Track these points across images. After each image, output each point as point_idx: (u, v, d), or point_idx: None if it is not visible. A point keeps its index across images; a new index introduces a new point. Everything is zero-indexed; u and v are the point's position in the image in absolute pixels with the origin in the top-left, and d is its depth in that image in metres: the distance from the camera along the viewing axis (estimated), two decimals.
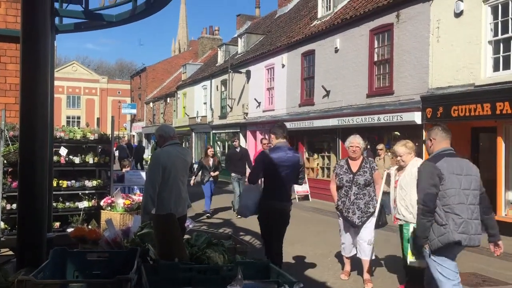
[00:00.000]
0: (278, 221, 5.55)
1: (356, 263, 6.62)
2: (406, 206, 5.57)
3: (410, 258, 5.32)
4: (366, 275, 6.28)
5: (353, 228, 6.28)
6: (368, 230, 6.21)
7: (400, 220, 5.65)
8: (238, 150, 13.27)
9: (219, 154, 27.36)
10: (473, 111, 10.50)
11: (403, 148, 5.74)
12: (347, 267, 6.67)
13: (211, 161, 12.51)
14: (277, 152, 5.51)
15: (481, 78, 10.55)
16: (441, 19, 11.69)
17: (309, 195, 16.40)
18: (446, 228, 4.20)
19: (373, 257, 6.45)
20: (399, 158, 5.78)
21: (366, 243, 6.21)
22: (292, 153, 5.64)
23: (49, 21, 3.48)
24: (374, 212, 6.17)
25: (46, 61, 3.30)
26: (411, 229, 5.42)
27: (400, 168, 5.81)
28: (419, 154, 8.50)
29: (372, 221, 6.18)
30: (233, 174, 12.65)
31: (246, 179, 6.74)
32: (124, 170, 9.84)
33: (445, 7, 11.55)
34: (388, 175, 6.15)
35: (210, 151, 12.82)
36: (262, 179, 5.70)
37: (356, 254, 6.46)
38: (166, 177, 5.09)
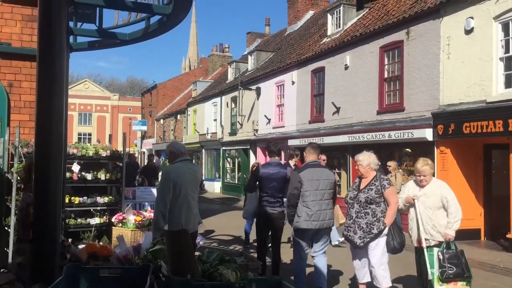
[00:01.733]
0: (270, 224, 6.63)
1: None
2: (433, 225, 5.49)
3: (437, 285, 5.28)
4: None
5: (358, 249, 5.85)
6: (375, 254, 5.70)
7: (428, 240, 5.52)
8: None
9: (229, 171, 27.45)
10: (485, 127, 10.43)
11: (427, 167, 5.57)
12: None
13: None
14: (267, 168, 6.68)
15: (493, 94, 10.50)
16: (451, 36, 11.70)
17: None
18: (300, 218, 5.94)
19: (389, 285, 5.77)
20: (422, 177, 5.60)
21: (375, 268, 5.71)
22: (279, 168, 6.67)
23: (65, 39, 3.54)
24: (379, 234, 5.65)
25: (61, 78, 3.36)
26: (435, 255, 5.37)
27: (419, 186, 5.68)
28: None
29: (381, 243, 5.66)
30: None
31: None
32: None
33: (456, 24, 11.57)
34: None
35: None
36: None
37: (373, 281, 5.88)
38: (177, 193, 5.13)
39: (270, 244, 7.36)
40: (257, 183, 6.73)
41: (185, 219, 5.17)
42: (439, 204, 5.52)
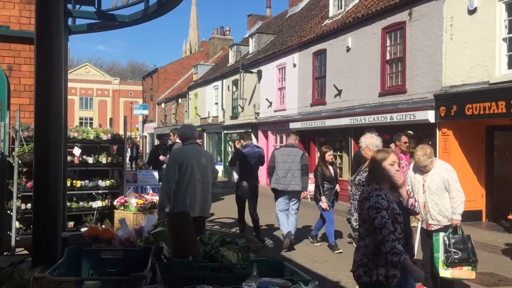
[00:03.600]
0: (248, 194, 8.67)
1: None
2: (439, 210, 5.47)
3: (442, 269, 5.29)
4: None
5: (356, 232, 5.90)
6: None
7: (434, 225, 5.53)
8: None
9: (230, 155, 27.44)
10: (488, 109, 10.37)
11: (425, 158, 5.53)
12: None
13: (332, 170, 8.60)
14: (246, 148, 8.77)
15: (496, 75, 10.42)
16: (454, 16, 11.57)
17: None
18: (272, 181, 8.41)
19: None
20: (422, 168, 5.61)
21: None
22: (256, 148, 9.04)
23: (62, 21, 3.50)
24: None
25: (60, 61, 3.32)
26: (441, 239, 5.35)
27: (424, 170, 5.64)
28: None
29: None
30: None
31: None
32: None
33: (459, 4, 11.43)
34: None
35: (329, 156, 8.59)
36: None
37: None
38: (182, 174, 5.15)
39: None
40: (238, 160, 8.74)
41: (190, 201, 5.18)
42: (443, 186, 5.51)
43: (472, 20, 11.08)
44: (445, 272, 5.33)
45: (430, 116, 12.08)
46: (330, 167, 8.54)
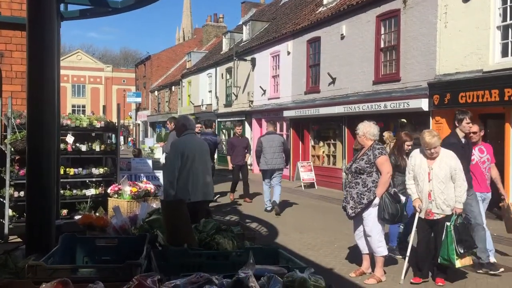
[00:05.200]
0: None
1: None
2: (445, 199, 5.41)
3: (457, 261, 5.29)
4: (375, 270, 5.84)
5: (355, 220, 5.89)
6: (367, 223, 5.72)
7: (437, 214, 5.46)
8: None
9: (224, 143, 27.38)
10: (481, 97, 10.40)
11: (436, 139, 5.38)
12: (363, 263, 6.07)
13: (406, 161, 6.65)
14: (204, 136, 10.32)
15: (489, 64, 10.43)
16: (448, 4, 11.54)
17: (315, 183, 16.38)
18: (261, 163, 10.46)
19: (384, 253, 5.82)
20: (433, 150, 5.43)
21: (369, 237, 5.74)
22: (214, 137, 11.35)
23: (54, 7, 3.45)
24: (369, 204, 5.63)
25: (52, 47, 3.28)
26: (453, 230, 5.30)
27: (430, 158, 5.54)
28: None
29: (372, 213, 5.66)
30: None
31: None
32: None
33: None
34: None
35: (408, 145, 7.14)
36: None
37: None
38: (184, 163, 5.45)
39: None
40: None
41: (192, 187, 5.48)
42: (450, 175, 5.46)
43: (466, 8, 11.06)
44: (458, 263, 5.35)
45: (423, 104, 12.10)
46: (406, 158, 6.80)
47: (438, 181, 5.44)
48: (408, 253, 5.83)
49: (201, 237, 2.98)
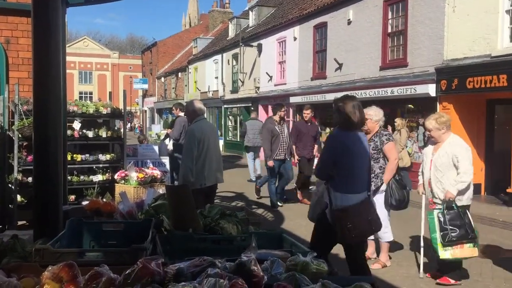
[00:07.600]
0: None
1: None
2: (442, 189, 5.07)
3: (441, 251, 4.90)
4: (380, 255, 5.90)
5: None
6: None
7: (437, 204, 5.14)
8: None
9: (231, 129, 27.45)
10: (489, 82, 10.31)
11: (433, 122, 5.17)
12: (368, 249, 6.04)
13: None
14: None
15: (498, 48, 10.32)
16: None
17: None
18: (246, 141, 13.61)
19: (390, 239, 5.83)
20: (428, 133, 5.31)
21: None
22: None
23: None
24: (377, 190, 5.56)
25: (57, 33, 3.28)
26: (436, 218, 4.96)
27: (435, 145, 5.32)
28: None
29: (379, 199, 5.52)
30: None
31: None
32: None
33: None
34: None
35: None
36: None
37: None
38: (200, 149, 5.56)
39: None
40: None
41: (208, 173, 5.63)
42: (450, 163, 5.08)
43: None
44: (445, 253, 4.94)
45: (431, 89, 12.02)
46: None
47: (435, 169, 5.17)
48: (421, 244, 5.63)
49: (206, 222, 3.01)
